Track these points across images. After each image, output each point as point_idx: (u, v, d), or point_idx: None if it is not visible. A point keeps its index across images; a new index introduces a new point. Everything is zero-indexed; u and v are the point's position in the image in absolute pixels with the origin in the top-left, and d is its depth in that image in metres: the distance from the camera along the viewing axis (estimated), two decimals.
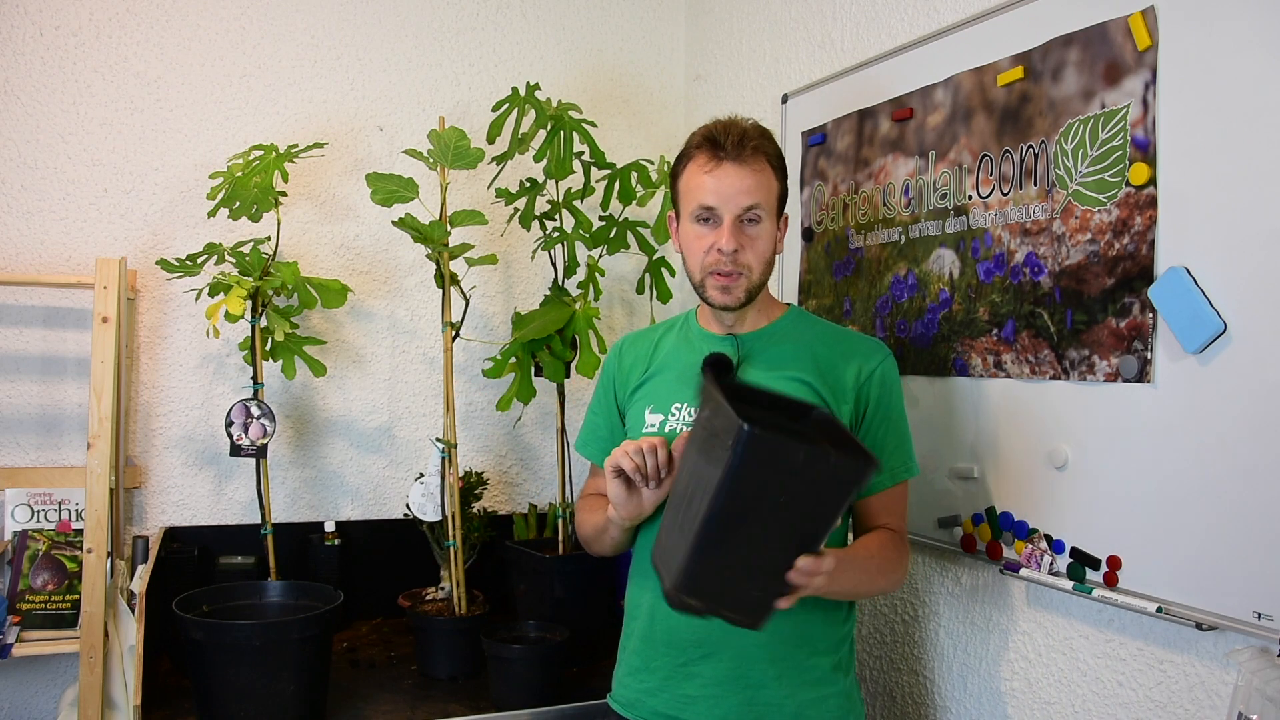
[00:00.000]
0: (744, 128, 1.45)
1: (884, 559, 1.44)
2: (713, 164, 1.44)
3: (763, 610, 1.21)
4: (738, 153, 1.43)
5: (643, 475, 1.37)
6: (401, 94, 2.51)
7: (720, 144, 1.43)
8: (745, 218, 1.44)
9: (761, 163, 1.44)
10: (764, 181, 1.44)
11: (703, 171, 1.45)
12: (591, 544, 1.59)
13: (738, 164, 1.43)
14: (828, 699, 1.46)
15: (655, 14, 2.76)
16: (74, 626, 1.96)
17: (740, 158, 1.43)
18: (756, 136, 1.45)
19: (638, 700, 1.51)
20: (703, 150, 1.46)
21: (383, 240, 2.48)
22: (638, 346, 1.64)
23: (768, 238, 1.47)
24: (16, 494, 2.08)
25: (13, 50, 2.19)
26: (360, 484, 2.48)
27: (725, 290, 1.46)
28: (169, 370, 2.31)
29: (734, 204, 1.43)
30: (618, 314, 2.71)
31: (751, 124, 1.47)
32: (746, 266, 1.45)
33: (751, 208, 1.43)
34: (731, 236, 1.43)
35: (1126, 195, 1.38)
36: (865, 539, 1.47)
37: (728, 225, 1.43)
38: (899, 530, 1.50)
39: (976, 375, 1.64)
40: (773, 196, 1.47)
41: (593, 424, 1.67)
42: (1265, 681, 1.15)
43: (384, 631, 2.36)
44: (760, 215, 1.45)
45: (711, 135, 1.45)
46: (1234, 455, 1.24)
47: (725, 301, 1.47)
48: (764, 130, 1.48)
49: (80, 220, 2.24)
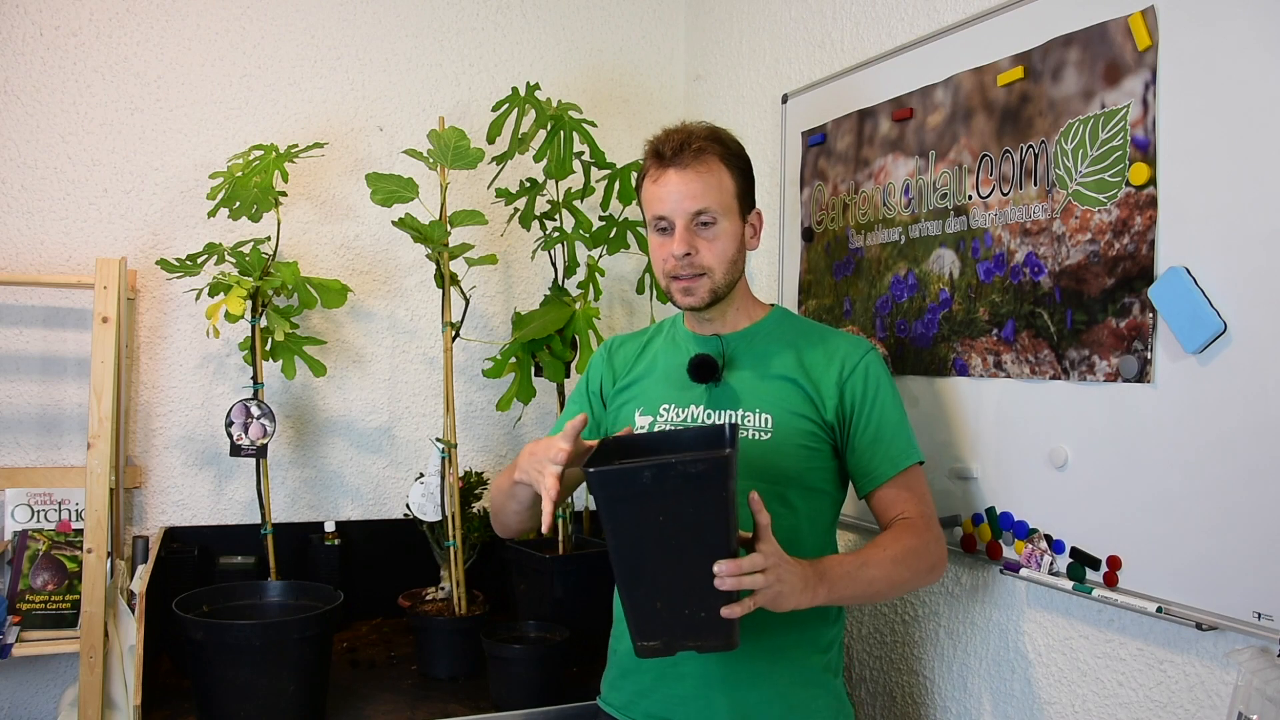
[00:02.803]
0: (688, 132, 1.46)
1: (900, 549, 1.40)
2: (659, 172, 1.47)
3: (717, 628, 1.22)
4: (679, 159, 1.45)
5: None
6: (401, 94, 2.51)
7: (661, 153, 1.46)
8: (696, 222, 1.46)
9: (708, 164, 1.45)
10: (712, 183, 1.45)
11: (652, 182, 1.48)
12: (499, 512, 1.57)
13: (680, 170, 1.45)
14: (817, 700, 1.46)
15: (655, 14, 2.76)
16: (74, 626, 1.96)
17: (682, 163, 1.44)
18: (700, 139, 1.46)
19: (629, 702, 1.52)
20: (651, 161, 1.49)
21: (383, 240, 2.48)
22: (627, 347, 1.66)
23: (726, 237, 1.47)
24: (16, 494, 2.08)
25: (13, 50, 2.19)
26: (360, 484, 2.48)
27: (687, 292, 1.49)
28: (169, 370, 2.31)
29: (681, 210, 1.45)
30: (618, 314, 2.71)
31: (698, 126, 1.48)
32: (706, 268, 1.47)
33: (699, 212, 1.45)
34: (682, 241, 1.45)
35: (1126, 195, 1.38)
36: (879, 536, 1.44)
37: (679, 231, 1.45)
38: (919, 515, 1.46)
39: (976, 375, 1.64)
40: (727, 195, 1.47)
41: (571, 414, 1.66)
42: (1265, 681, 1.15)
43: (384, 631, 2.36)
44: (713, 217, 1.46)
45: (655, 145, 1.48)
46: (1234, 455, 1.24)
47: (690, 303, 1.50)
48: (712, 131, 1.48)
49: (80, 220, 2.24)
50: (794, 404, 1.47)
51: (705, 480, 1.17)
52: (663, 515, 1.19)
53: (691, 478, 1.17)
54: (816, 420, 1.47)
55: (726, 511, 1.19)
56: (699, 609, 1.21)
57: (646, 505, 1.18)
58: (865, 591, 1.38)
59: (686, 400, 1.51)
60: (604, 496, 1.19)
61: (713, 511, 1.19)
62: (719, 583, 1.19)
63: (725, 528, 1.20)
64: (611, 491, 1.19)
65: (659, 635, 1.23)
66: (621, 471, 1.19)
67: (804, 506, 1.47)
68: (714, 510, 1.19)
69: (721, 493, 1.18)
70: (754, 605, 1.22)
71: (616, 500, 1.19)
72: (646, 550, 1.21)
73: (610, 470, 1.19)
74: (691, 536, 1.20)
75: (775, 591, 1.23)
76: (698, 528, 1.19)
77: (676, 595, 1.22)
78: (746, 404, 1.48)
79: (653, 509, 1.18)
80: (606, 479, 1.19)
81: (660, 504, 1.18)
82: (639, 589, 1.23)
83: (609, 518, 1.20)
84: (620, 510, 1.19)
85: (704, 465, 1.17)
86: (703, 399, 1.50)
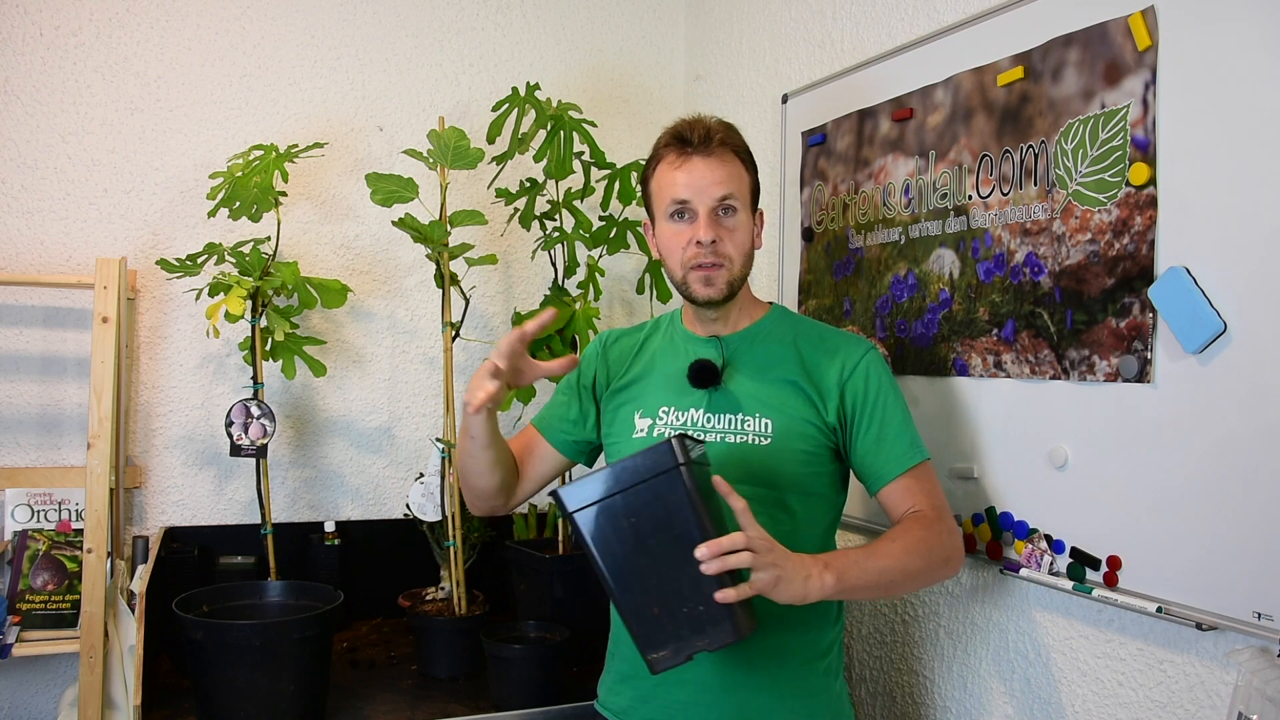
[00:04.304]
0: (708, 123, 1.47)
1: (910, 540, 1.37)
2: (681, 159, 1.46)
3: (720, 619, 1.22)
4: (705, 146, 1.45)
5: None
6: (401, 94, 2.51)
7: (687, 139, 1.46)
8: (720, 208, 1.45)
9: (729, 155, 1.46)
10: (735, 173, 1.46)
11: (673, 168, 1.46)
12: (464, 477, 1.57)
13: (706, 156, 1.44)
14: (818, 703, 1.46)
15: (655, 14, 2.76)
16: (74, 626, 1.96)
17: (708, 151, 1.45)
18: (721, 130, 1.47)
19: (629, 708, 1.51)
20: (670, 148, 1.48)
21: (383, 240, 2.48)
22: (623, 343, 1.64)
23: (745, 229, 1.48)
24: (16, 494, 2.08)
25: (13, 50, 2.19)
26: (360, 484, 2.48)
27: (708, 282, 1.46)
28: (169, 370, 2.32)
29: (708, 195, 1.44)
30: (618, 314, 2.71)
31: (715, 120, 1.49)
32: (727, 257, 1.46)
33: (725, 198, 1.45)
34: (709, 227, 1.44)
35: (1126, 195, 1.38)
36: (889, 530, 1.42)
37: (704, 217, 1.44)
38: (931, 508, 1.43)
39: (976, 375, 1.64)
40: (745, 188, 1.48)
41: (559, 402, 1.65)
42: (1265, 681, 1.15)
43: (384, 631, 2.36)
44: (735, 206, 1.46)
45: (677, 133, 1.48)
46: (1234, 455, 1.24)
47: (709, 294, 1.47)
48: (729, 125, 1.50)
49: (80, 220, 2.24)
50: (795, 407, 1.46)
51: (661, 476, 1.21)
52: (633, 518, 1.23)
53: (646, 476, 1.22)
54: (817, 424, 1.46)
55: (688, 498, 1.21)
56: (696, 603, 1.21)
57: (612, 512, 1.24)
58: (878, 581, 1.33)
59: (686, 404, 1.50)
60: (571, 514, 1.25)
61: (681, 506, 1.21)
62: (704, 568, 1.19)
63: (692, 514, 1.21)
64: (576, 508, 1.25)
65: (665, 642, 1.23)
66: (579, 486, 1.25)
67: (803, 511, 1.46)
68: (682, 505, 1.21)
69: (685, 487, 1.21)
70: (751, 591, 1.21)
71: (583, 513, 1.24)
72: (628, 557, 1.24)
73: (571, 486, 1.25)
74: (670, 535, 1.22)
75: (774, 576, 1.21)
76: (667, 520, 1.22)
77: (670, 595, 1.22)
78: (747, 408, 1.47)
79: (618, 513, 1.23)
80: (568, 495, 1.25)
81: (627, 511, 1.23)
82: (632, 599, 1.24)
83: (584, 533, 1.25)
84: (591, 525, 1.24)
85: (654, 463, 1.22)
86: (702, 403, 1.49)
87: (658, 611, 1.23)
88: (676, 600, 1.22)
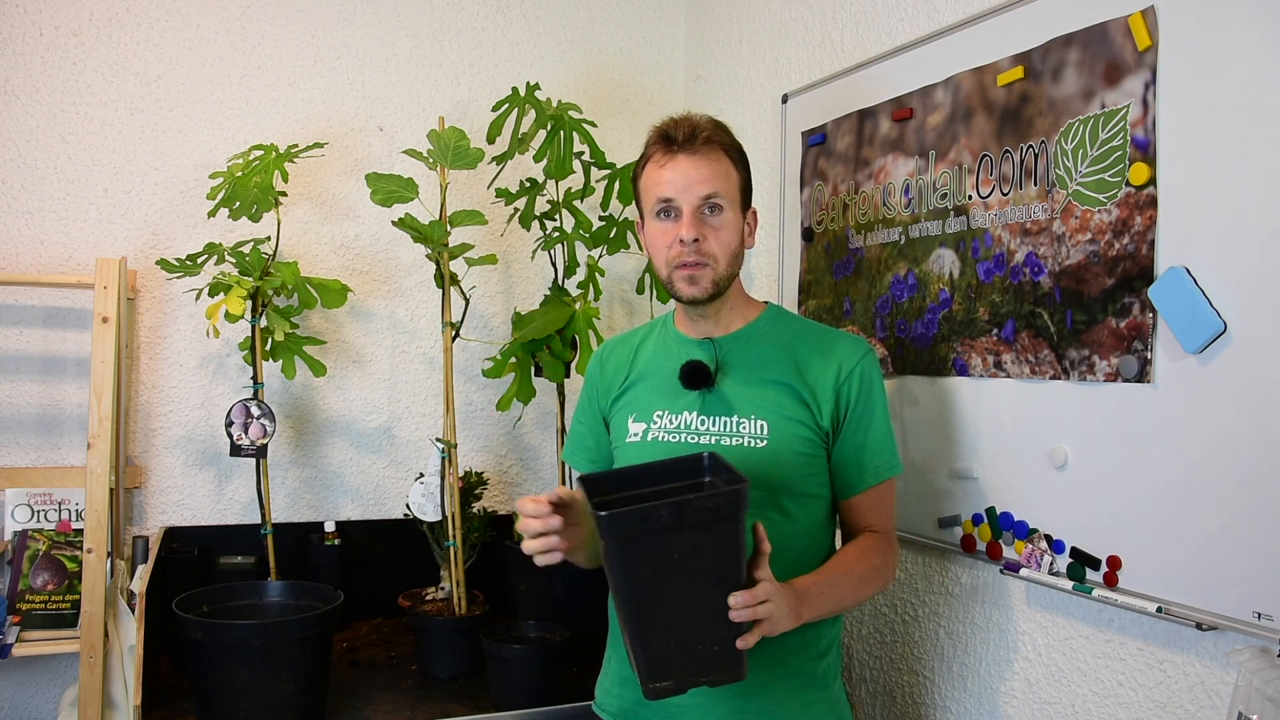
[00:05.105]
0: (695, 121, 1.46)
1: (866, 568, 1.44)
2: (667, 157, 1.45)
3: (730, 660, 1.21)
4: (690, 144, 1.44)
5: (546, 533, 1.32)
6: (401, 94, 2.51)
7: (672, 137, 1.45)
8: (704, 207, 1.44)
9: (716, 153, 1.45)
10: (721, 171, 1.45)
11: (659, 167, 1.46)
12: (576, 560, 1.54)
13: (691, 155, 1.44)
14: (817, 704, 1.46)
15: (655, 14, 2.76)
16: (74, 626, 1.96)
17: (694, 149, 1.44)
18: (708, 128, 1.46)
19: (628, 710, 1.51)
20: (657, 146, 1.47)
21: (383, 240, 2.48)
22: (618, 354, 1.64)
23: (731, 228, 1.46)
24: (16, 494, 2.08)
25: (13, 50, 2.19)
26: (360, 484, 2.48)
27: (692, 281, 1.45)
28: (169, 370, 2.32)
29: (691, 193, 1.43)
30: (618, 314, 2.71)
31: (704, 118, 1.48)
32: (711, 256, 1.44)
33: (710, 196, 1.44)
34: (692, 225, 1.43)
35: (1126, 195, 1.38)
36: (844, 551, 1.46)
37: (687, 215, 1.43)
38: (884, 530, 1.49)
39: (976, 375, 1.64)
40: (733, 186, 1.47)
41: (578, 433, 1.67)
42: (1265, 681, 1.15)
43: (384, 631, 2.36)
44: (720, 204, 1.45)
45: (663, 131, 1.47)
46: (1234, 455, 1.24)
47: (693, 293, 1.45)
48: (718, 123, 1.49)
49: (80, 220, 2.24)
50: (790, 409, 1.45)
51: (724, 512, 1.15)
52: (678, 553, 1.15)
53: (709, 511, 1.14)
54: (811, 425, 1.45)
55: (740, 543, 1.18)
56: (713, 643, 1.20)
57: (663, 544, 1.15)
58: (834, 609, 1.43)
59: (679, 406, 1.49)
60: (616, 539, 1.15)
61: (728, 544, 1.17)
62: (734, 615, 1.19)
63: (740, 559, 1.19)
64: (625, 533, 1.15)
65: (671, 675, 1.21)
66: (635, 512, 1.14)
67: (799, 512, 1.46)
68: (729, 543, 1.17)
69: (737, 525, 1.16)
70: (758, 636, 1.23)
71: (629, 541, 1.15)
72: (661, 589, 1.18)
73: (624, 512, 1.15)
74: (707, 570, 1.18)
75: (774, 620, 1.25)
76: (714, 562, 1.17)
77: (693, 632, 1.20)
78: (741, 410, 1.46)
79: (669, 547, 1.15)
80: (620, 521, 1.14)
81: (678, 541, 1.15)
82: (652, 630, 1.19)
83: (620, 559, 1.16)
84: (633, 550, 1.15)
85: (722, 499, 1.15)
86: (696, 405, 1.48)
87: (674, 645, 1.20)
88: (694, 637, 1.20)
